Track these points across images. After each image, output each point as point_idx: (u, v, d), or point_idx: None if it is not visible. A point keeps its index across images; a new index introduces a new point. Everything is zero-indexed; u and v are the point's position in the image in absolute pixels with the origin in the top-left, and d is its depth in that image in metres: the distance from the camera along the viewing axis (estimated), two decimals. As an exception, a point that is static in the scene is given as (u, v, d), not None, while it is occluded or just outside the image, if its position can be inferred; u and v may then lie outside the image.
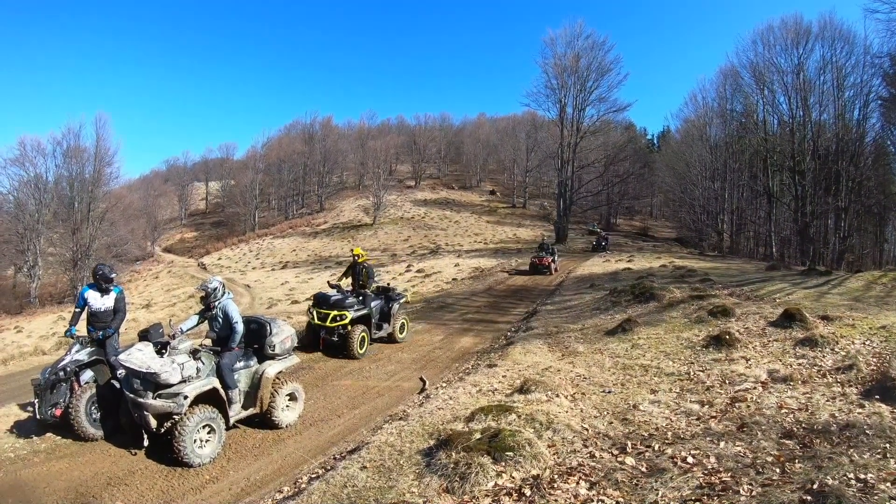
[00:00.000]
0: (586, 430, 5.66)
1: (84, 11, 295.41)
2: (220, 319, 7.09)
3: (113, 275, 7.79)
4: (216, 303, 7.10)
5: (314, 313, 11.43)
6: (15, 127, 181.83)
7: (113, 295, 7.77)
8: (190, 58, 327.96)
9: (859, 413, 5.19)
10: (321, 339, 11.30)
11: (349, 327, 11.13)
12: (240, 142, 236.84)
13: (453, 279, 26.69)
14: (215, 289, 7.09)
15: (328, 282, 12.58)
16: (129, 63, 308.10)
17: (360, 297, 11.76)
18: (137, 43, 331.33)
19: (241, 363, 7.00)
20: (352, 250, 12.65)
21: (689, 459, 4.51)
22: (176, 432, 5.96)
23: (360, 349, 11.13)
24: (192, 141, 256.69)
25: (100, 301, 7.67)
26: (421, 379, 9.52)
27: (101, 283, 7.65)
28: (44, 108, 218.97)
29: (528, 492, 4.21)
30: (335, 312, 11.14)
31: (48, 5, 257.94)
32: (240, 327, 7.00)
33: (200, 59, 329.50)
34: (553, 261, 27.64)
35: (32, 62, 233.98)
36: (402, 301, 12.94)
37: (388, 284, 13.50)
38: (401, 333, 12.65)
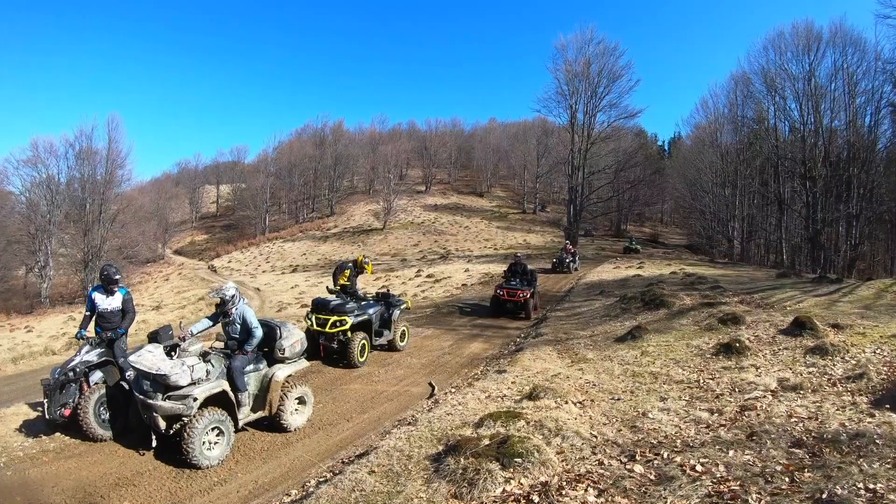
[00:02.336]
0: (595, 437, 5.65)
1: (97, 13, 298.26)
2: (239, 325, 7.17)
3: (117, 276, 7.82)
4: (234, 309, 7.16)
5: (313, 319, 11.07)
6: (28, 128, 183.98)
7: (119, 296, 7.83)
8: (202, 61, 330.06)
9: (869, 422, 5.15)
10: (321, 346, 10.98)
11: (349, 334, 10.86)
12: (251, 144, 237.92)
13: (463, 284, 26.67)
14: (233, 296, 7.15)
15: (327, 287, 12.37)
16: (141, 65, 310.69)
17: (360, 303, 11.53)
18: (150, 45, 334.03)
19: (251, 366, 7.03)
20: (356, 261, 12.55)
21: (698, 468, 4.49)
22: (185, 434, 6.00)
23: (361, 357, 10.83)
24: (203, 144, 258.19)
25: (105, 302, 7.73)
26: (430, 384, 9.54)
27: (105, 284, 7.73)
28: (56, 110, 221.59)
29: (536, 498, 4.21)
30: (335, 318, 10.82)
31: (61, 6, 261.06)
32: (259, 332, 7.09)
33: (213, 63, 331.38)
34: (533, 294, 17.53)
35: (45, 63, 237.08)
36: (402, 307, 12.57)
37: (388, 290, 13.22)
38: (401, 341, 12.32)
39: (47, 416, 6.91)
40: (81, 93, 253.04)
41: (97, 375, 7.42)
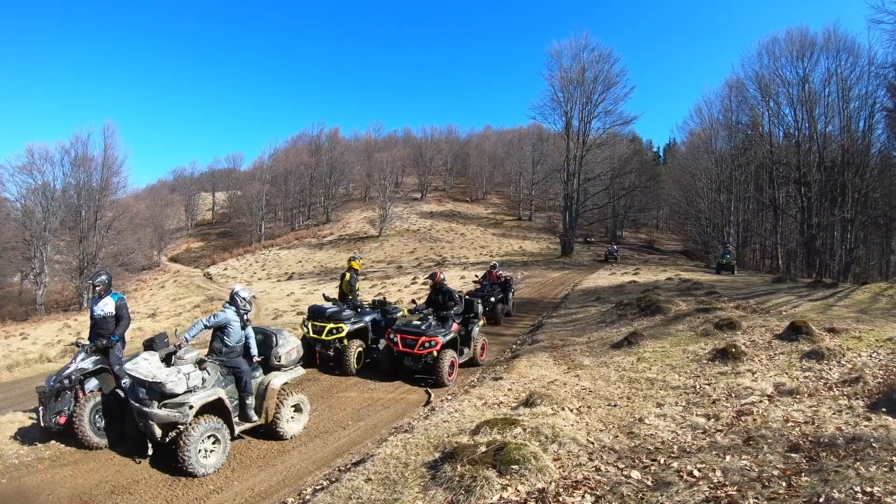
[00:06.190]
0: (592, 443, 5.65)
1: (94, 20, 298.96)
2: (240, 332, 7.22)
3: (101, 276, 7.75)
4: (247, 315, 7.21)
5: (309, 326, 11.07)
6: (23, 134, 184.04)
7: (112, 302, 7.73)
8: (199, 68, 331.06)
9: (866, 426, 5.16)
10: (317, 354, 10.92)
11: (345, 341, 10.84)
12: (247, 151, 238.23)
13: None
14: (254, 297, 7.26)
15: (323, 294, 12.36)
16: (138, 72, 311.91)
17: (356, 310, 11.51)
18: (147, 52, 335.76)
19: (248, 373, 7.03)
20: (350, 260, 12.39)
21: (695, 473, 4.49)
22: (181, 442, 5.97)
23: (357, 364, 10.77)
24: (199, 151, 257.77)
25: (97, 307, 7.67)
26: (426, 391, 9.52)
27: (91, 287, 7.70)
28: (52, 117, 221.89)
29: (532, 505, 4.20)
30: (331, 325, 10.82)
31: (59, 14, 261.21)
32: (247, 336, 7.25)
33: (209, 70, 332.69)
34: (459, 338, 11.00)
35: (41, 70, 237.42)
36: (398, 315, 12.44)
37: (384, 298, 13.12)
38: None
39: (42, 424, 6.87)
40: (78, 99, 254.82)
41: (93, 383, 7.38)
